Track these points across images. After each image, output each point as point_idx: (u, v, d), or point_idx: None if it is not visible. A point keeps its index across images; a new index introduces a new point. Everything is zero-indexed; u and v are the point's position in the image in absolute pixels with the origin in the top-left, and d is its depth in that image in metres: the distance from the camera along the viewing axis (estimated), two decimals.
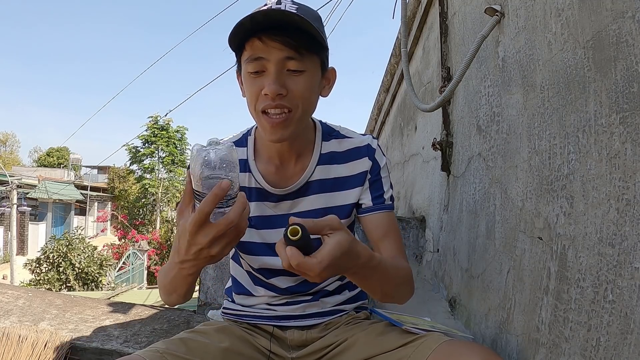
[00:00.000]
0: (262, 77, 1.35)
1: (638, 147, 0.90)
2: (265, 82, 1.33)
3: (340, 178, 1.58)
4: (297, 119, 1.40)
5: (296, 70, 1.35)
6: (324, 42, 1.38)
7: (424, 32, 3.30)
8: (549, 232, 1.25)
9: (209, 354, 1.40)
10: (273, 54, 1.32)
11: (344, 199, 1.57)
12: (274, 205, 1.57)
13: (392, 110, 5.15)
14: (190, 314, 2.81)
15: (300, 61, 1.34)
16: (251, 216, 1.55)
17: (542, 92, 1.31)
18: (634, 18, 0.91)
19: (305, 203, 1.57)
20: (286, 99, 1.35)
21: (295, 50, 1.32)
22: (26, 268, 19.72)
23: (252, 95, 1.38)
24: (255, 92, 1.36)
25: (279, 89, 1.32)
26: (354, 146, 1.60)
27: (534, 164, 1.36)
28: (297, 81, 1.36)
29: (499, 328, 1.55)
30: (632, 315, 0.90)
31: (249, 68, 1.35)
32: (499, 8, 1.60)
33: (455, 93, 2.23)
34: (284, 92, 1.34)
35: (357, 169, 1.58)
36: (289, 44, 1.31)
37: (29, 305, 2.77)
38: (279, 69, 1.33)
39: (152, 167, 36.72)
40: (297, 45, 1.32)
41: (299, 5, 1.34)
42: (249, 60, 1.34)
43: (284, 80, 1.34)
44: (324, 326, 1.61)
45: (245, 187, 1.57)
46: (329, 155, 1.58)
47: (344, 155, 1.59)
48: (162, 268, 1.42)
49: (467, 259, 1.95)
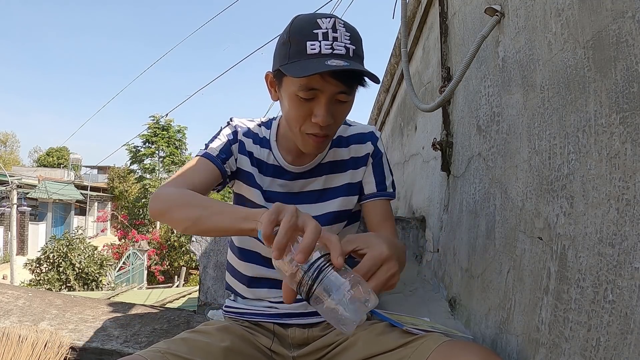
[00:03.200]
0: (312, 103, 1.40)
1: (638, 147, 0.90)
2: (317, 111, 1.40)
3: (347, 160, 1.70)
4: (333, 137, 1.55)
5: (344, 101, 1.42)
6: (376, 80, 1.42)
7: (424, 32, 3.30)
8: (549, 232, 1.25)
9: (211, 354, 1.40)
10: (329, 89, 1.37)
11: (351, 178, 1.69)
12: (288, 184, 1.67)
13: (392, 110, 5.15)
14: (190, 314, 2.81)
15: (349, 94, 1.42)
16: (266, 189, 1.66)
17: (542, 92, 1.32)
18: (634, 18, 0.91)
19: (316, 183, 1.68)
20: (331, 126, 1.45)
21: (348, 87, 1.39)
22: (26, 268, 19.72)
23: (298, 118, 1.44)
24: (303, 115, 1.43)
25: (330, 120, 1.41)
26: (359, 132, 1.74)
27: (534, 164, 1.36)
28: (342, 109, 1.45)
29: (499, 328, 1.55)
30: (632, 315, 0.90)
31: (301, 94, 1.39)
32: (499, 8, 1.61)
33: (455, 93, 2.23)
34: (332, 121, 1.42)
35: (361, 152, 1.71)
36: (345, 82, 1.37)
37: (29, 305, 2.77)
38: (331, 100, 1.40)
39: (153, 167, 36.73)
40: (351, 84, 1.39)
41: (351, 35, 1.39)
42: (302, 88, 1.38)
43: (332, 110, 1.41)
44: (325, 325, 1.63)
45: (263, 161, 1.67)
46: (337, 139, 1.71)
47: (349, 139, 1.72)
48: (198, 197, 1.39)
49: (467, 259, 1.95)
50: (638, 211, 0.90)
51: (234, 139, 1.66)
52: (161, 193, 1.44)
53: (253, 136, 1.69)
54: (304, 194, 1.68)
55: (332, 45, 1.34)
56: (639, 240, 0.89)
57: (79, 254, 19.62)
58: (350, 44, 1.36)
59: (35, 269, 19.45)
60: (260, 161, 1.67)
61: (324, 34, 1.34)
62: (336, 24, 1.36)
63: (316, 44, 1.33)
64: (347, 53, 1.34)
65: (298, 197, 1.67)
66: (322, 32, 1.34)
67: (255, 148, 1.67)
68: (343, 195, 1.68)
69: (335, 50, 1.33)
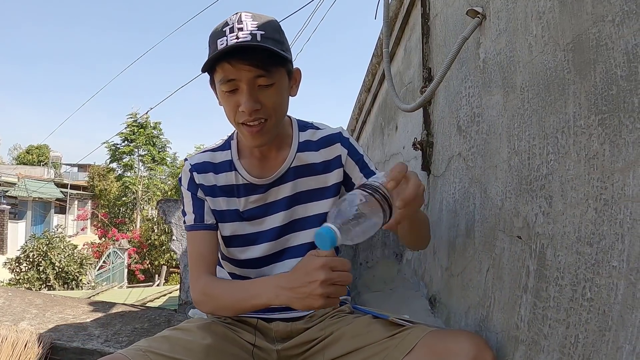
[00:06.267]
0: (237, 95, 1.47)
1: (616, 148, 0.92)
2: (241, 100, 1.46)
3: (317, 163, 1.71)
4: (273, 125, 1.54)
5: (266, 85, 1.47)
6: (287, 57, 1.50)
7: (405, 33, 3.31)
8: (528, 231, 1.26)
9: (192, 351, 1.41)
10: (244, 75, 1.44)
11: (324, 182, 1.71)
12: (262, 197, 1.69)
13: (373, 110, 5.16)
14: (171, 313, 2.81)
15: (269, 77, 1.46)
16: (243, 210, 1.70)
17: (522, 94, 1.33)
18: (613, 22, 0.92)
19: (289, 188, 1.69)
20: (261, 111, 1.48)
21: (263, 69, 1.43)
22: (6, 267, 19.50)
23: (230, 110, 1.51)
24: (233, 107, 1.49)
25: (253, 105, 1.46)
26: (327, 134, 1.75)
27: (514, 164, 1.37)
28: (269, 94, 1.49)
29: (478, 326, 1.56)
30: (610, 312, 0.91)
31: (224, 88, 1.47)
32: (481, 10, 1.62)
33: (436, 93, 2.24)
34: (259, 106, 1.47)
35: (332, 154, 1.72)
36: (256, 65, 1.42)
37: (8, 304, 2.75)
38: (251, 86, 1.45)
39: (132, 165, 36.46)
40: (263, 65, 1.43)
41: (259, 22, 1.46)
42: (222, 82, 1.46)
43: (256, 96, 1.47)
44: (308, 318, 1.65)
45: (234, 184, 1.69)
46: (305, 143, 1.72)
47: (318, 143, 1.73)
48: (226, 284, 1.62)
49: (447, 258, 1.97)
50: (616, 211, 0.92)
51: (194, 186, 1.69)
52: (198, 296, 1.60)
53: (212, 167, 1.71)
54: (280, 201, 1.69)
55: (237, 35, 1.41)
56: (616, 239, 0.91)
57: (59, 253, 19.43)
58: (257, 30, 1.43)
59: (15, 268, 19.24)
60: (229, 187, 1.69)
61: (231, 28, 1.42)
62: (242, 17, 1.45)
63: (224, 38, 1.42)
64: (253, 39, 1.41)
65: (274, 205, 1.70)
66: (229, 27, 1.43)
67: (220, 177, 1.70)
68: (318, 199, 1.70)
69: (240, 39, 1.40)
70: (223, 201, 1.68)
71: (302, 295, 1.28)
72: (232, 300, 1.50)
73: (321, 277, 1.23)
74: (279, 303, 1.36)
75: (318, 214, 1.69)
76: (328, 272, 1.24)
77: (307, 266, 1.28)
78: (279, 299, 1.36)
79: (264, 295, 1.40)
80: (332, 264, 1.25)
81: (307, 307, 1.29)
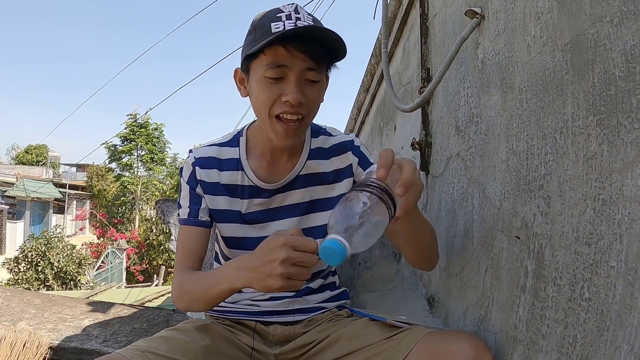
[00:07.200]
0: (281, 84, 1.41)
1: (614, 148, 0.92)
2: (287, 90, 1.40)
3: (327, 173, 1.67)
4: (306, 126, 1.51)
5: (313, 80, 1.43)
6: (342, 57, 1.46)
7: (404, 33, 3.31)
8: (526, 231, 1.26)
9: (190, 352, 1.41)
10: (297, 64, 1.38)
11: (332, 192, 1.67)
12: (266, 201, 1.65)
13: (372, 110, 5.15)
14: (169, 313, 2.81)
15: (318, 72, 1.42)
16: (245, 212, 1.64)
17: (520, 94, 1.33)
18: (612, 22, 0.92)
19: (295, 196, 1.65)
20: (303, 106, 1.43)
21: (315, 62, 1.40)
22: (4, 267, 19.46)
23: (268, 100, 1.43)
24: (273, 97, 1.42)
25: (301, 98, 1.40)
26: (339, 141, 1.70)
27: (512, 164, 1.37)
28: (313, 91, 1.45)
29: (477, 326, 1.56)
30: (608, 312, 0.92)
31: (269, 73, 1.40)
32: (479, 10, 1.62)
33: (435, 94, 2.24)
34: (304, 100, 1.41)
35: (343, 163, 1.68)
36: (311, 56, 1.38)
37: (7, 304, 2.75)
38: (299, 77, 1.40)
39: (131, 164, 36.44)
40: (317, 57, 1.39)
41: (314, 17, 1.42)
42: (270, 66, 1.39)
43: (303, 89, 1.41)
44: (306, 322, 1.64)
45: (238, 184, 1.64)
46: (317, 151, 1.68)
47: (329, 151, 1.69)
48: (197, 275, 1.53)
49: (446, 258, 1.97)
50: (614, 211, 0.92)
51: (194, 181, 1.64)
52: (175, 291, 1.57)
53: (218, 164, 1.65)
54: (285, 208, 1.66)
55: (295, 24, 1.36)
56: (614, 239, 0.91)
57: (57, 253, 19.40)
58: (313, 23, 1.39)
59: (13, 268, 19.21)
60: (233, 186, 1.64)
61: (287, 15, 1.38)
62: (298, 8, 1.40)
63: (280, 23, 1.36)
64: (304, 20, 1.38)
65: (279, 212, 1.66)
66: (285, 14, 1.38)
67: (224, 175, 1.64)
68: (328, 209, 1.64)
69: (298, 26, 1.36)
70: (225, 200, 1.63)
71: (261, 275, 1.20)
72: (201, 291, 1.44)
73: (281, 255, 1.15)
74: (240, 285, 1.31)
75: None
76: (289, 250, 1.16)
77: (268, 244, 1.21)
78: (239, 281, 1.29)
79: (227, 279, 1.34)
80: (294, 242, 1.17)
81: (267, 288, 1.21)
